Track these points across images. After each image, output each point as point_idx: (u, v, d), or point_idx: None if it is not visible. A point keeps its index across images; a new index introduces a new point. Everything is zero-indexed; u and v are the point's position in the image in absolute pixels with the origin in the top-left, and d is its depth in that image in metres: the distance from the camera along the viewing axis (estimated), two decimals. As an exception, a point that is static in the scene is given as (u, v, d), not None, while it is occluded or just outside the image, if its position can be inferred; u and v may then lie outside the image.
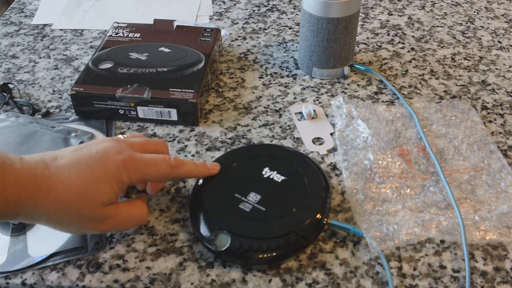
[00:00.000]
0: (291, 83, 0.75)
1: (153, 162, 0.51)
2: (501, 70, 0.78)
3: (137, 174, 0.50)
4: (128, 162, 0.50)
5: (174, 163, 0.52)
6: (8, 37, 0.87)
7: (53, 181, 0.46)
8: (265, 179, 0.56)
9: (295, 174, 0.56)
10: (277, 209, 0.52)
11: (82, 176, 0.48)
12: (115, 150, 0.50)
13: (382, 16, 0.91)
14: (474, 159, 0.62)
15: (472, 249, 0.53)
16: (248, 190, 0.54)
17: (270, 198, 0.54)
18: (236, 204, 0.53)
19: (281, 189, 0.55)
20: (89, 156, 0.49)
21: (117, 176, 0.49)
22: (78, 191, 0.47)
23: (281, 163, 0.57)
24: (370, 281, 0.50)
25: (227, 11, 0.93)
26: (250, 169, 0.57)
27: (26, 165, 0.46)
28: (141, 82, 0.67)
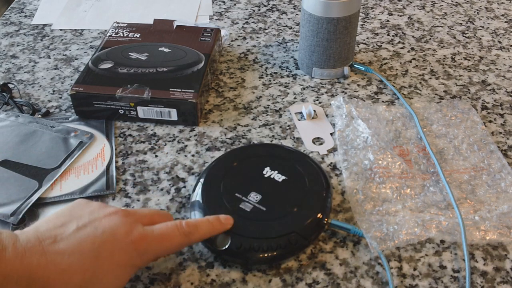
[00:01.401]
0: (291, 83, 0.75)
1: (166, 236, 0.46)
2: (501, 70, 0.78)
3: (150, 255, 0.46)
4: (139, 243, 0.44)
5: (187, 230, 0.47)
6: (8, 37, 0.87)
7: (50, 273, 0.40)
8: (266, 178, 0.55)
9: (295, 174, 0.56)
10: (278, 209, 0.52)
11: (86, 266, 0.41)
12: (124, 230, 0.44)
13: (382, 16, 0.91)
14: (474, 159, 0.62)
15: (472, 249, 0.53)
16: (249, 190, 0.54)
17: (270, 198, 0.53)
18: (236, 204, 0.53)
19: (281, 188, 0.55)
20: (94, 238, 0.43)
21: (127, 262, 0.43)
22: (79, 283, 0.41)
23: (282, 163, 0.57)
24: (370, 281, 0.50)
25: (227, 11, 0.93)
26: (250, 169, 0.57)
27: (20, 252, 0.40)
28: (141, 82, 0.67)
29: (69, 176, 0.60)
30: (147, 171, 0.62)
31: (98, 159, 0.62)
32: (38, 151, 0.63)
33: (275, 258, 0.51)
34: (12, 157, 0.62)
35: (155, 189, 0.59)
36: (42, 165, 0.61)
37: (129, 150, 0.64)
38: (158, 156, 0.64)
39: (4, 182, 0.59)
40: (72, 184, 0.59)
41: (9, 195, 0.57)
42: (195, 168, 0.62)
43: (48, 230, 0.43)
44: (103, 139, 0.65)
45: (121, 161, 0.63)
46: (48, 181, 0.59)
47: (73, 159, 0.62)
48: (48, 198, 0.57)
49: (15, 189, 0.58)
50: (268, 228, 0.51)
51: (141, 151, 0.64)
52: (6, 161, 0.61)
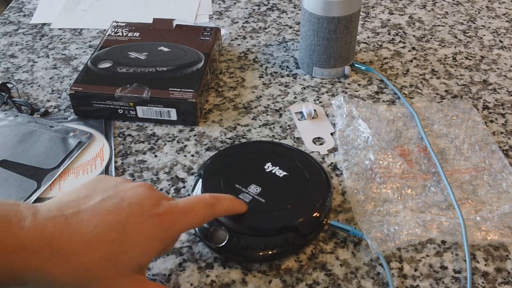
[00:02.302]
0: (291, 82, 0.75)
1: (191, 209, 0.45)
2: (503, 69, 0.78)
3: (176, 229, 0.44)
4: (165, 216, 0.42)
5: (211, 201, 0.46)
6: (6, 36, 0.86)
7: (75, 244, 0.38)
8: (267, 173, 0.55)
9: (297, 170, 0.56)
10: (277, 202, 0.52)
11: (112, 237, 0.39)
12: (150, 202, 0.42)
13: (383, 15, 0.91)
14: (475, 159, 0.61)
15: (474, 250, 0.52)
16: (249, 182, 0.54)
17: (270, 191, 0.53)
18: (236, 194, 0.52)
19: (282, 184, 0.54)
20: (120, 209, 0.41)
21: (153, 235, 0.41)
22: (104, 255, 0.39)
23: (283, 160, 0.57)
24: (371, 282, 0.49)
25: (227, 10, 0.93)
26: (252, 163, 0.56)
27: (40, 222, 0.37)
28: (140, 82, 0.67)
29: (68, 176, 0.60)
30: (147, 171, 0.61)
31: (97, 159, 0.62)
32: (37, 151, 0.62)
33: (274, 256, 0.50)
34: (11, 157, 0.62)
35: (154, 189, 0.59)
36: (41, 165, 0.61)
37: (128, 150, 0.64)
38: (158, 156, 0.63)
39: (2, 182, 0.58)
40: (71, 184, 0.59)
41: (8, 195, 0.57)
42: (194, 168, 0.61)
43: (71, 201, 0.40)
44: (102, 139, 0.65)
45: (120, 161, 0.62)
46: (47, 181, 0.59)
47: (72, 159, 0.62)
48: (47, 198, 0.57)
49: (14, 189, 0.58)
50: (267, 224, 0.50)
51: (140, 151, 0.64)
52: (4, 161, 0.61)
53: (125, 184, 0.44)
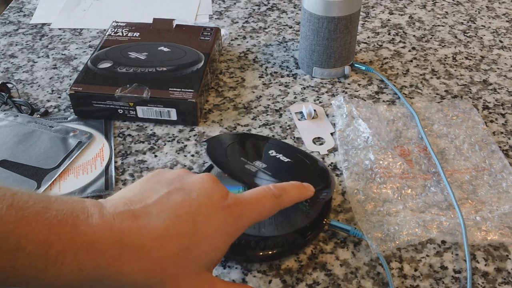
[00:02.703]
0: (291, 82, 0.75)
1: (258, 200, 0.42)
2: (503, 69, 0.78)
3: (245, 222, 0.41)
4: (235, 208, 0.40)
5: (278, 192, 0.44)
6: (6, 36, 0.86)
7: (145, 239, 0.36)
8: (272, 156, 0.55)
9: (300, 160, 0.55)
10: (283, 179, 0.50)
11: (183, 230, 0.37)
12: (219, 193, 0.41)
13: (383, 15, 0.91)
14: (475, 159, 0.61)
15: (474, 250, 0.52)
16: (255, 158, 0.53)
17: (276, 169, 0.52)
18: (242, 164, 0.51)
19: (287, 166, 0.54)
20: (190, 201, 0.39)
21: (224, 228, 0.39)
22: (176, 250, 0.37)
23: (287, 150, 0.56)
24: (371, 282, 0.49)
25: (227, 10, 0.93)
26: (257, 145, 0.56)
27: (108, 218, 0.36)
28: (140, 82, 0.67)
29: (68, 176, 0.60)
30: (147, 171, 0.61)
31: (97, 159, 0.62)
32: (37, 151, 0.62)
33: (274, 256, 0.50)
34: (11, 157, 0.61)
35: (154, 189, 0.59)
36: (41, 165, 0.61)
37: (128, 150, 0.64)
38: (158, 156, 0.63)
39: (2, 182, 0.58)
40: (71, 184, 0.59)
41: (8, 195, 0.57)
42: (194, 168, 0.61)
43: (135, 195, 0.39)
44: (102, 139, 0.65)
45: (120, 161, 0.62)
46: (47, 181, 0.59)
47: (72, 159, 0.62)
48: (47, 199, 0.57)
49: (14, 189, 0.57)
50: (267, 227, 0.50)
51: (140, 151, 0.64)
52: (4, 161, 0.61)
53: (190, 176, 0.42)
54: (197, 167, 0.61)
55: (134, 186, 0.41)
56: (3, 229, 0.32)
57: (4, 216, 0.33)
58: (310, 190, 0.48)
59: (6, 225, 0.33)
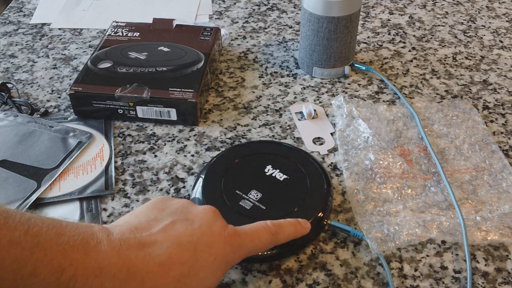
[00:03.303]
0: (291, 82, 0.75)
1: (256, 234, 0.45)
2: (503, 69, 0.78)
3: (242, 252, 0.44)
4: (234, 238, 0.43)
5: (274, 230, 0.46)
6: (6, 36, 0.86)
7: (150, 265, 0.38)
8: (267, 177, 0.55)
9: (297, 173, 0.56)
10: (278, 208, 0.52)
11: (184, 258, 0.40)
12: (220, 224, 0.43)
13: (383, 15, 0.91)
14: (475, 159, 0.61)
15: (474, 250, 0.52)
16: (249, 187, 0.54)
17: (271, 196, 0.53)
18: (236, 201, 0.53)
19: (282, 187, 0.54)
20: (192, 230, 0.41)
21: (223, 257, 0.42)
22: (178, 276, 0.39)
23: (284, 161, 0.57)
24: (371, 282, 0.49)
25: (227, 10, 0.93)
26: (252, 166, 0.57)
27: (116, 245, 0.38)
28: (140, 82, 0.67)
29: (68, 176, 0.60)
30: (147, 171, 0.61)
31: (97, 159, 0.62)
32: (37, 151, 0.62)
33: (274, 257, 0.50)
34: (11, 157, 0.61)
35: (154, 189, 0.59)
36: (40, 165, 0.60)
37: (128, 150, 0.64)
38: (158, 156, 0.63)
39: (2, 182, 0.58)
40: (71, 184, 0.59)
41: (8, 195, 0.57)
42: (194, 168, 0.61)
43: (141, 223, 0.41)
44: (102, 139, 0.65)
45: (120, 161, 0.62)
46: (47, 181, 0.59)
47: (72, 159, 0.62)
48: (47, 199, 0.57)
49: (14, 189, 0.57)
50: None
51: (140, 151, 0.64)
52: (4, 161, 0.61)
53: (193, 207, 0.45)
54: (197, 167, 0.61)
55: (139, 212, 0.44)
56: (21, 256, 0.34)
57: (21, 242, 0.35)
58: (306, 228, 0.49)
59: (24, 251, 0.35)
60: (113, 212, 0.56)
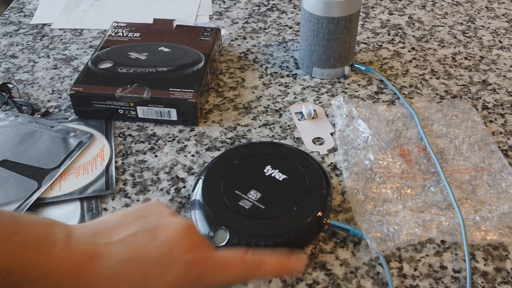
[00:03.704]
0: (291, 82, 0.75)
1: (228, 264, 0.40)
2: (502, 69, 0.78)
3: (204, 283, 0.39)
4: (195, 265, 0.38)
5: (252, 263, 0.41)
6: (7, 36, 0.86)
7: (97, 277, 0.36)
8: (267, 177, 0.56)
9: (296, 173, 0.56)
10: (277, 207, 0.52)
11: (134, 278, 0.37)
12: (186, 244, 0.39)
13: (382, 15, 0.91)
14: (474, 159, 0.62)
15: (473, 250, 0.52)
16: (249, 188, 0.54)
17: (270, 196, 0.54)
18: (236, 201, 0.53)
19: (282, 187, 0.55)
20: (151, 247, 0.38)
21: (178, 283, 0.38)
22: None
23: (283, 162, 0.57)
24: (371, 281, 0.50)
25: (227, 10, 0.93)
26: (251, 167, 0.57)
27: (69, 250, 0.36)
28: (140, 82, 0.67)
29: (69, 176, 0.60)
30: (147, 171, 0.61)
31: (97, 159, 0.62)
32: (38, 151, 0.63)
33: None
34: (12, 157, 0.62)
35: (154, 189, 0.59)
36: (41, 165, 0.61)
37: (128, 150, 0.64)
38: (158, 156, 0.63)
39: (3, 182, 0.58)
40: (72, 184, 0.59)
41: (9, 195, 0.57)
42: (195, 168, 0.62)
43: (106, 229, 0.39)
44: (103, 139, 0.65)
45: (121, 161, 0.62)
46: (47, 181, 0.59)
47: (73, 159, 0.62)
48: (48, 198, 0.57)
49: (15, 189, 0.58)
50: (267, 226, 0.51)
51: (140, 151, 0.64)
52: (5, 161, 0.61)
53: (168, 218, 0.41)
54: (197, 167, 0.62)
55: (116, 215, 0.41)
56: None
57: None
58: (297, 268, 0.43)
59: None
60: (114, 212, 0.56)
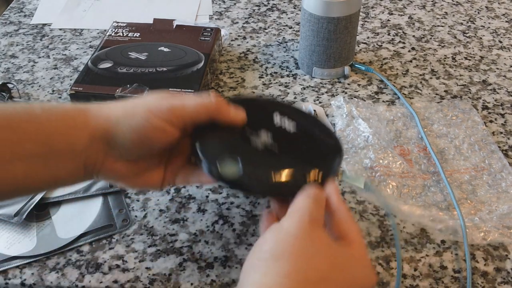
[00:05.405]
0: (291, 82, 0.75)
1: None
2: (502, 69, 0.78)
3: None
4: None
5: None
6: (7, 36, 0.86)
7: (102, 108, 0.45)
8: (277, 127, 0.49)
9: (307, 128, 0.50)
10: (291, 151, 0.47)
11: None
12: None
13: (382, 15, 0.91)
14: (474, 159, 0.62)
15: (473, 250, 0.52)
16: (259, 127, 0.48)
17: (282, 143, 0.47)
18: (247, 136, 0.47)
19: (294, 138, 0.49)
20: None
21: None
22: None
23: (293, 117, 0.51)
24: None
25: (227, 10, 0.93)
26: (260, 116, 0.50)
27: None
28: (140, 82, 0.67)
29: (69, 176, 0.60)
30: (147, 171, 0.61)
31: (97, 159, 0.62)
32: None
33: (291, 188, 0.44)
34: (12, 157, 0.62)
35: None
36: (41, 165, 0.61)
37: (128, 150, 0.64)
38: (158, 156, 0.63)
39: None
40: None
41: (9, 195, 0.57)
42: (195, 168, 0.62)
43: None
44: (103, 139, 0.65)
45: (121, 161, 0.62)
46: (47, 181, 0.59)
47: (73, 159, 0.62)
48: (52, 198, 0.57)
49: (15, 189, 0.58)
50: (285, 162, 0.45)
51: (141, 151, 0.64)
52: (5, 161, 0.61)
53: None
54: (197, 167, 0.62)
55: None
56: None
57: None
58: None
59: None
60: (114, 212, 0.56)
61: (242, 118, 0.48)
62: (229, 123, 0.47)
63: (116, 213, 0.56)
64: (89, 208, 0.56)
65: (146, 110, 0.44)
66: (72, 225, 0.54)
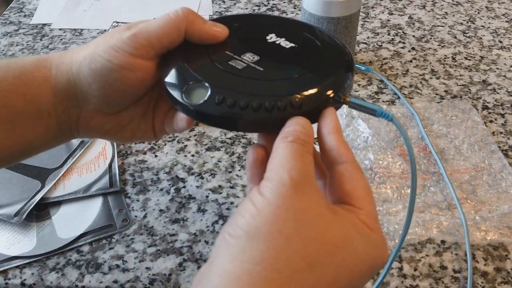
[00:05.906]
0: (291, 82, 0.75)
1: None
2: (502, 69, 0.78)
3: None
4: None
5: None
6: (7, 36, 0.86)
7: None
8: (269, 43, 0.42)
9: (308, 42, 0.43)
10: (280, 70, 0.40)
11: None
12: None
13: (382, 15, 0.91)
14: (475, 159, 0.62)
15: (473, 250, 0.52)
16: (244, 50, 0.41)
17: (271, 60, 0.41)
18: (225, 60, 0.40)
19: (288, 54, 0.41)
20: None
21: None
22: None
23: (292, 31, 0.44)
24: (371, 281, 0.50)
25: (227, 10, 0.93)
26: (250, 33, 0.44)
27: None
28: (141, 82, 0.67)
29: (72, 175, 0.60)
30: (147, 171, 0.61)
31: (100, 157, 0.62)
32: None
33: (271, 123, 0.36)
34: (12, 157, 0.62)
35: (154, 189, 0.59)
36: (44, 165, 0.61)
37: (128, 150, 0.64)
38: (158, 156, 0.63)
39: (6, 182, 0.59)
40: (75, 183, 0.59)
41: (12, 196, 0.57)
42: (194, 168, 0.62)
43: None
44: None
45: (121, 161, 0.63)
46: (51, 181, 0.59)
47: (75, 158, 0.62)
48: (52, 198, 0.57)
49: (18, 189, 0.58)
50: (265, 87, 0.38)
51: (140, 151, 0.64)
52: (6, 161, 0.61)
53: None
54: (197, 167, 0.62)
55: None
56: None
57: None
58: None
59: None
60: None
61: (222, 33, 0.40)
62: (205, 39, 0.40)
63: (116, 213, 0.56)
64: (89, 208, 0.56)
65: (107, 46, 0.37)
66: (72, 225, 0.55)
